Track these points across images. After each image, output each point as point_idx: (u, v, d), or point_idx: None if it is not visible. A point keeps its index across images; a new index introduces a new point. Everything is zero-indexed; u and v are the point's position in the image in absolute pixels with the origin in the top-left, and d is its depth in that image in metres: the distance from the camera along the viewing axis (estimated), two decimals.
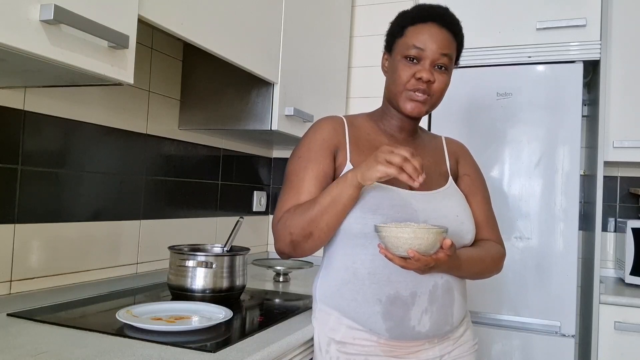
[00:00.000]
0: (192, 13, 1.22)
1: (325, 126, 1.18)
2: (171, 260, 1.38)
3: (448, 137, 1.33)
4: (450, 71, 1.15)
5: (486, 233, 1.23)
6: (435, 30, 1.11)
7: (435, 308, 1.08)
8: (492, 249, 1.20)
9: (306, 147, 1.16)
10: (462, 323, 1.19)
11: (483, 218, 1.23)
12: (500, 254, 1.22)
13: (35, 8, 0.81)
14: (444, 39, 1.11)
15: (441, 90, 1.13)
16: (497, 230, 1.26)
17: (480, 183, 1.27)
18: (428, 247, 0.94)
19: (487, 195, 1.27)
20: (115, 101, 1.50)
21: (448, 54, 1.11)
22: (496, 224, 1.27)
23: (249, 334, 1.10)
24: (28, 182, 1.25)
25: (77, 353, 0.92)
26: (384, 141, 1.18)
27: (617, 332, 1.86)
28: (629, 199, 2.37)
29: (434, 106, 1.17)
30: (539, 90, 1.98)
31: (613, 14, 2.07)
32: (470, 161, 1.30)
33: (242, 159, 2.17)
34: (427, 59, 1.10)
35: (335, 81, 2.15)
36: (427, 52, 1.10)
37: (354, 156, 1.14)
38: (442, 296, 1.09)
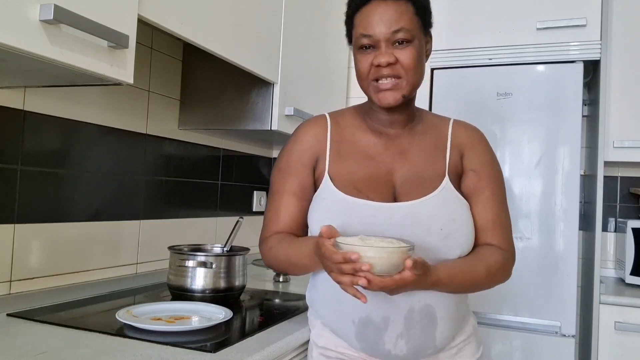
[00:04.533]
0: (192, 13, 1.22)
1: (304, 136, 1.15)
2: (171, 261, 1.38)
3: (459, 121, 1.15)
4: (417, 41, 1.01)
5: (489, 237, 1.06)
6: (381, 8, 1.00)
7: (413, 333, 1.01)
8: (490, 256, 1.03)
9: (285, 160, 1.14)
10: (457, 342, 1.09)
11: (487, 220, 1.06)
12: (500, 261, 1.04)
13: (35, 8, 0.80)
14: (392, 14, 0.99)
15: (410, 66, 1.00)
16: (504, 233, 1.08)
17: (488, 179, 1.08)
18: (386, 267, 0.85)
19: (499, 192, 1.09)
20: (115, 101, 1.49)
21: (402, 28, 0.99)
22: (505, 226, 1.09)
23: (249, 334, 1.10)
24: (28, 182, 1.24)
25: (77, 353, 0.92)
26: (370, 142, 1.09)
27: (617, 332, 1.86)
28: (629, 199, 2.37)
29: (413, 85, 1.03)
30: (539, 90, 1.98)
31: (613, 13, 2.07)
32: (478, 152, 1.10)
33: (242, 159, 2.17)
34: (381, 42, 1.00)
35: (335, 81, 2.15)
36: (378, 36, 1.00)
37: (333, 165, 1.08)
38: (420, 321, 1.01)
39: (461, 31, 2.13)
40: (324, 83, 2.03)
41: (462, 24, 2.13)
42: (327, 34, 2.04)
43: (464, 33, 2.12)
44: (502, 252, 1.06)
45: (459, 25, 2.13)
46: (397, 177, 1.06)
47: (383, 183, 1.05)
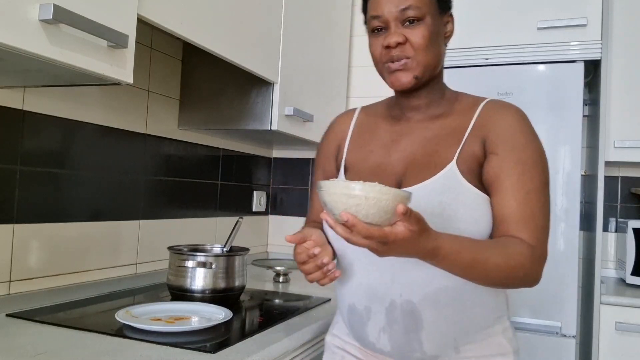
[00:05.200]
0: (192, 12, 1.22)
1: (330, 128, 1.19)
2: (171, 261, 1.38)
3: (494, 101, 1.02)
4: (431, 19, 0.97)
5: (513, 229, 0.90)
6: None
7: (395, 330, 0.96)
8: (512, 246, 0.88)
9: (317, 153, 1.21)
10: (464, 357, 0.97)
11: (510, 210, 0.91)
12: (525, 254, 0.87)
13: (34, 8, 0.80)
14: None
15: (421, 45, 0.95)
16: (531, 225, 0.90)
17: (513, 163, 0.92)
18: (375, 211, 0.71)
19: (528, 179, 0.92)
20: (115, 101, 1.49)
21: (410, 5, 0.95)
22: (534, 218, 0.90)
23: (249, 335, 1.10)
24: (27, 182, 1.24)
25: (77, 354, 0.92)
26: (388, 130, 1.06)
27: (618, 332, 1.85)
28: (630, 199, 2.36)
29: (425, 66, 0.97)
30: (540, 90, 1.98)
31: (614, 13, 2.07)
32: (504, 133, 0.95)
33: (242, 159, 2.17)
34: (390, 23, 0.96)
35: (335, 81, 2.15)
36: (386, 16, 0.96)
37: (350, 154, 1.08)
38: (402, 318, 0.95)
39: (461, 31, 2.11)
40: (324, 83, 2.03)
41: (463, 23, 2.12)
42: (327, 34, 2.04)
43: (465, 33, 2.11)
44: (528, 246, 0.88)
45: (460, 25, 2.12)
46: (406, 164, 1.00)
47: (390, 170, 1.01)
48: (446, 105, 1.04)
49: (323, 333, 1.30)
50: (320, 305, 1.43)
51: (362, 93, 2.28)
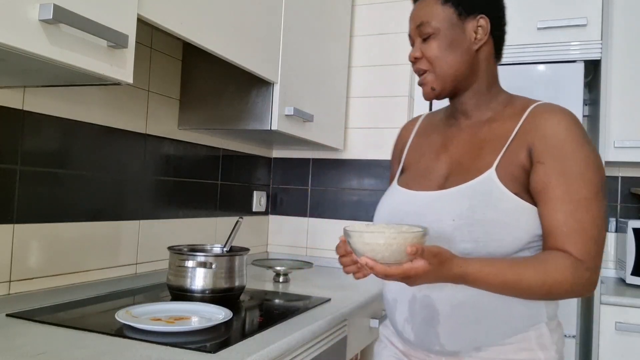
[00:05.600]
0: (192, 12, 1.22)
1: (397, 135, 1.27)
2: (171, 261, 1.38)
3: (543, 105, 1.01)
4: (446, 31, 1.00)
5: (560, 242, 0.90)
6: (414, 7, 1.06)
7: (416, 321, 1.00)
8: (553, 262, 0.88)
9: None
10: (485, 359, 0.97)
11: (558, 223, 0.90)
12: (568, 269, 0.87)
13: (34, 8, 0.80)
14: (417, 11, 1.04)
15: (433, 58, 1.01)
16: (579, 239, 0.89)
17: (559, 173, 0.91)
18: (388, 254, 0.80)
19: (577, 190, 0.90)
20: (115, 101, 1.49)
21: (422, 22, 1.01)
22: (583, 230, 0.89)
23: (249, 335, 1.10)
24: (27, 182, 1.24)
25: (77, 354, 0.92)
26: (441, 134, 1.11)
27: (618, 332, 1.85)
28: (630, 199, 2.37)
29: (443, 77, 1.01)
30: (540, 90, 1.98)
31: (614, 13, 2.07)
32: (550, 141, 0.93)
33: (242, 159, 2.17)
34: (414, 39, 1.05)
35: (335, 81, 2.15)
36: (411, 33, 1.05)
37: (408, 156, 1.17)
38: (420, 311, 0.99)
39: None
40: (324, 83, 2.03)
41: None
42: (327, 34, 2.04)
43: None
44: (573, 261, 0.88)
45: None
46: (450, 168, 1.03)
47: (436, 173, 1.04)
48: (496, 109, 1.05)
49: (323, 333, 1.31)
50: (320, 305, 1.43)
51: (362, 93, 2.28)
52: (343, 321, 1.45)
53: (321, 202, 2.30)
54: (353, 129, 2.29)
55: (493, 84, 1.07)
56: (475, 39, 1.01)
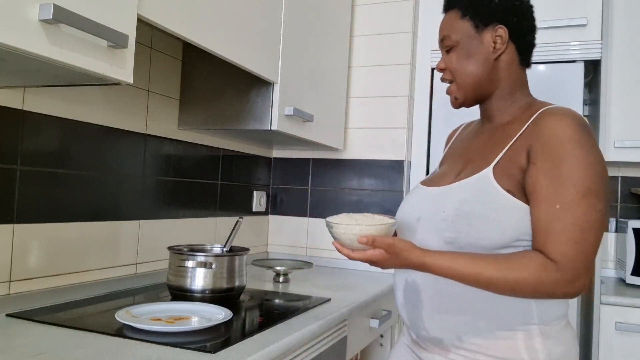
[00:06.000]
0: (192, 12, 1.22)
1: (445, 141, 1.34)
2: (171, 261, 1.38)
3: (550, 108, 1.02)
4: (466, 42, 1.06)
5: (539, 243, 0.93)
6: (441, 21, 1.13)
7: (407, 306, 1.09)
8: (522, 262, 0.91)
9: None
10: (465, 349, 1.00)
11: (540, 223, 0.93)
12: (537, 271, 0.90)
13: (34, 7, 0.80)
14: (441, 25, 1.12)
15: (456, 70, 1.08)
16: (556, 240, 0.90)
17: (547, 175, 0.93)
18: (348, 243, 0.99)
19: (560, 192, 0.91)
20: (115, 101, 1.49)
21: (444, 37, 1.10)
22: (561, 232, 0.90)
23: (249, 335, 1.10)
24: (27, 182, 1.24)
25: (76, 354, 0.92)
26: (467, 138, 1.20)
27: (618, 332, 1.85)
28: (630, 199, 2.37)
29: (464, 87, 1.08)
30: (540, 90, 1.96)
31: (614, 13, 2.07)
32: (545, 142, 0.95)
33: (242, 159, 2.17)
34: (442, 51, 1.12)
35: (335, 81, 2.15)
36: (439, 46, 1.13)
37: (443, 160, 1.25)
38: (410, 296, 1.07)
39: None
40: (324, 83, 2.03)
41: None
42: (327, 34, 2.04)
43: None
44: (542, 261, 0.90)
45: None
46: (464, 166, 1.09)
47: (452, 171, 1.11)
48: (515, 113, 1.09)
49: (323, 333, 1.31)
50: (320, 305, 1.43)
51: (362, 93, 2.28)
52: (343, 321, 1.45)
53: (321, 202, 2.30)
54: (353, 129, 2.29)
55: (516, 89, 1.10)
56: (494, 49, 1.06)
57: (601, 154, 0.96)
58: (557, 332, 1.00)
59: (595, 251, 0.92)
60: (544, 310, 0.99)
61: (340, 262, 2.23)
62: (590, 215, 0.90)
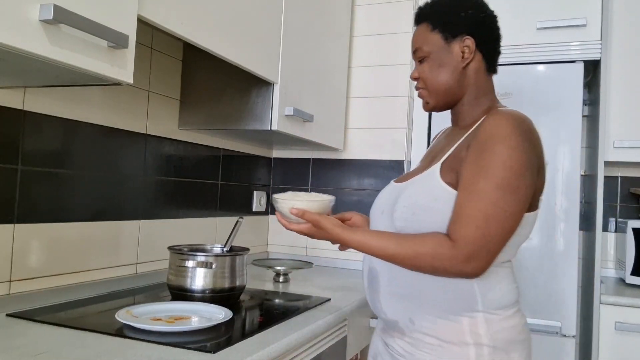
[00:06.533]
0: (192, 13, 1.22)
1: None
2: (171, 261, 1.38)
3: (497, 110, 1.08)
4: (437, 53, 1.13)
5: (450, 225, 1.00)
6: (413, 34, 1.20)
7: (369, 290, 1.18)
8: (423, 240, 0.99)
9: None
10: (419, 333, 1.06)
11: (454, 208, 1.00)
12: (433, 249, 0.97)
13: (34, 8, 0.80)
14: (413, 38, 1.18)
15: (427, 79, 1.15)
16: (459, 221, 0.97)
17: (469, 165, 1.01)
18: (286, 215, 1.15)
19: (476, 180, 0.98)
20: (115, 101, 1.49)
21: (417, 49, 1.16)
22: (464, 215, 0.97)
23: (249, 335, 1.10)
24: (28, 182, 1.24)
25: (77, 353, 0.92)
26: (440, 138, 1.28)
27: (617, 332, 1.86)
28: (629, 199, 2.37)
29: (436, 93, 1.15)
30: (539, 90, 1.98)
31: (613, 13, 2.07)
32: (479, 137, 1.03)
33: (242, 159, 2.17)
34: (415, 62, 1.19)
35: (335, 81, 2.15)
36: (412, 56, 1.21)
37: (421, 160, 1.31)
38: (371, 281, 1.16)
39: None
40: (324, 83, 2.03)
41: None
42: (327, 34, 2.04)
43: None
44: (442, 238, 0.98)
45: None
46: (428, 164, 1.16)
47: (419, 169, 1.18)
48: (476, 117, 1.14)
49: (323, 333, 1.31)
50: (320, 305, 1.43)
51: (362, 93, 2.28)
52: (343, 321, 1.45)
53: None
54: (353, 129, 2.29)
55: (482, 94, 1.16)
56: (462, 58, 1.13)
57: (531, 157, 1.00)
58: (503, 320, 1.05)
59: (499, 242, 0.97)
60: (489, 298, 1.04)
61: (340, 262, 2.23)
62: (499, 207, 0.96)
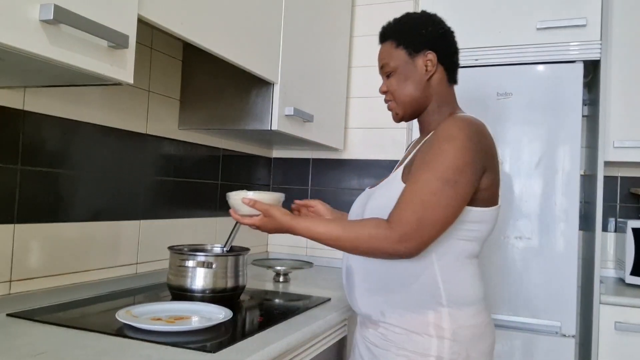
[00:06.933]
0: (192, 13, 1.22)
1: None
2: (171, 261, 1.38)
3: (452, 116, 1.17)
4: (403, 67, 1.22)
5: (390, 212, 1.08)
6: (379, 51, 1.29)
7: (347, 287, 1.26)
8: (364, 224, 1.08)
9: None
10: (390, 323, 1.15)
11: (398, 199, 1.08)
12: (371, 231, 1.05)
13: (34, 8, 0.80)
14: (379, 55, 1.27)
15: (395, 91, 1.24)
16: (398, 206, 1.06)
17: (419, 162, 1.11)
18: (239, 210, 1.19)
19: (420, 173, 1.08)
20: (115, 101, 1.49)
21: (384, 63, 1.25)
22: (404, 201, 1.06)
23: (249, 335, 1.10)
24: (28, 182, 1.24)
25: (77, 353, 0.92)
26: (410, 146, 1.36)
27: (617, 332, 1.86)
28: (629, 199, 2.37)
29: (403, 104, 1.24)
30: (539, 90, 1.98)
31: (613, 13, 2.07)
32: (430, 141, 1.14)
33: (242, 159, 2.17)
34: (382, 77, 1.28)
35: (335, 81, 2.15)
36: (379, 72, 1.29)
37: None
38: (348, 278, 1.25)
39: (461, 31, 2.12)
40: (324, 83, 2.03)
41: (462, 24, 2.13)
42: (327, 34, 2.04)
43: (464, 33, 2.11)
44: (380, 220, 1.07)
45: (459, 25, 2.12)
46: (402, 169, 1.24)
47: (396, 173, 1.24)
48: (438, 125, 1.20)
49: (323, 332, 1.31)
50: (320, 305, 1.43)
51: (362, 93, 2.28)
52: (343, 321, 1.45)
53: None
54: (353, 129, 2.29)
55: (444, 104, 1.24)
56: (426, 71, 1.22)
57: (474, 156, 1.08)
58: (467, 317, 1.14)
59: (433, 227, 1.05)
60: (453, 294, 1.13)
61: (340, 262, 2.22)
62: (436, 196, 1.05)
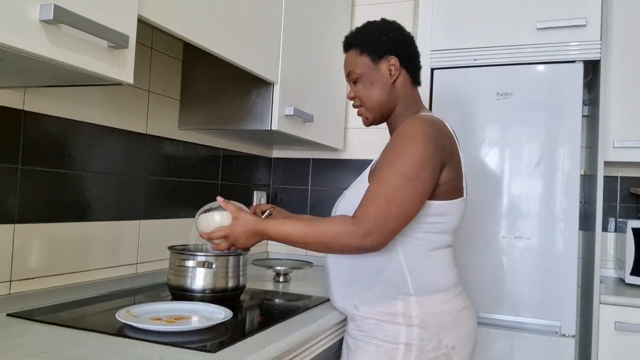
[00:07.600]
0: (192, 13, 1.22)
1: None
2: (171, 261, 1.38)
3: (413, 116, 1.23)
4: (368, 73, 1.29)
5: (356, 209, 1.14)
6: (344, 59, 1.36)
7: (327, 284, 1.36)
8: (330, 221, 1.13)
9: None
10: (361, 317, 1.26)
11: (363, 196, 1.15)
12: (337, 227, 1.11)
13: (34, 8, 0.80)
14: (345, 62, 1.34)
15: (363, 97, 1.31)
16: (363, 202, 1.12)
17: (382, 163, 1.17)
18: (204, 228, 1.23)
19: (382, 170, 1.14)
20: (115, 101, 1.50)
21: (350, 71, 1.32)
22: (368, 198, 1.12)
23: (249, 334, 1.10)
24: (28, 181, 1.24)
25: (77, 353, 0.92)
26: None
27: (617, 332, 1.86)
28: (629, 199, 2.37)
29: (372, 109, 1.31)
30: (539, 90, 1.98)
31: (613, 13, 2.07)
32: (390, 142, 1.20)
33: (242, 159, 2.17)
34: (349, 83, 1.35)
35: (335, 81, 2.15)
36: (345, 79, 1.36)
37: None
38: (328, 276, 1.34)
39: (461, 31, 2.13)
40: (324, 83, 2.03)
41: (462, 24, 2.13)
42: (327, 34, 2.04)
43: (464, 33, 2.12)
44: (345, 216, 1.13)
45: (459, 25, 2.13)
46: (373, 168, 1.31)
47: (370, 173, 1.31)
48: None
49: (323, 332, 1.31)
50: (320, 305, 1.43)
51: None
52: (343, 321, 1.45)
53: (321, 202, 2.31)
54: (353, 129, 2.29)
55: (410, 105, 1.31)
56: (390, 75, 1.28)
57: (433, 152, 1.14)
58: (437, 305, 1.20)
59: (397, 221, 1.10)
60: (420, 284, 1.20)
61: None
62: (399, 191, 1.10)
